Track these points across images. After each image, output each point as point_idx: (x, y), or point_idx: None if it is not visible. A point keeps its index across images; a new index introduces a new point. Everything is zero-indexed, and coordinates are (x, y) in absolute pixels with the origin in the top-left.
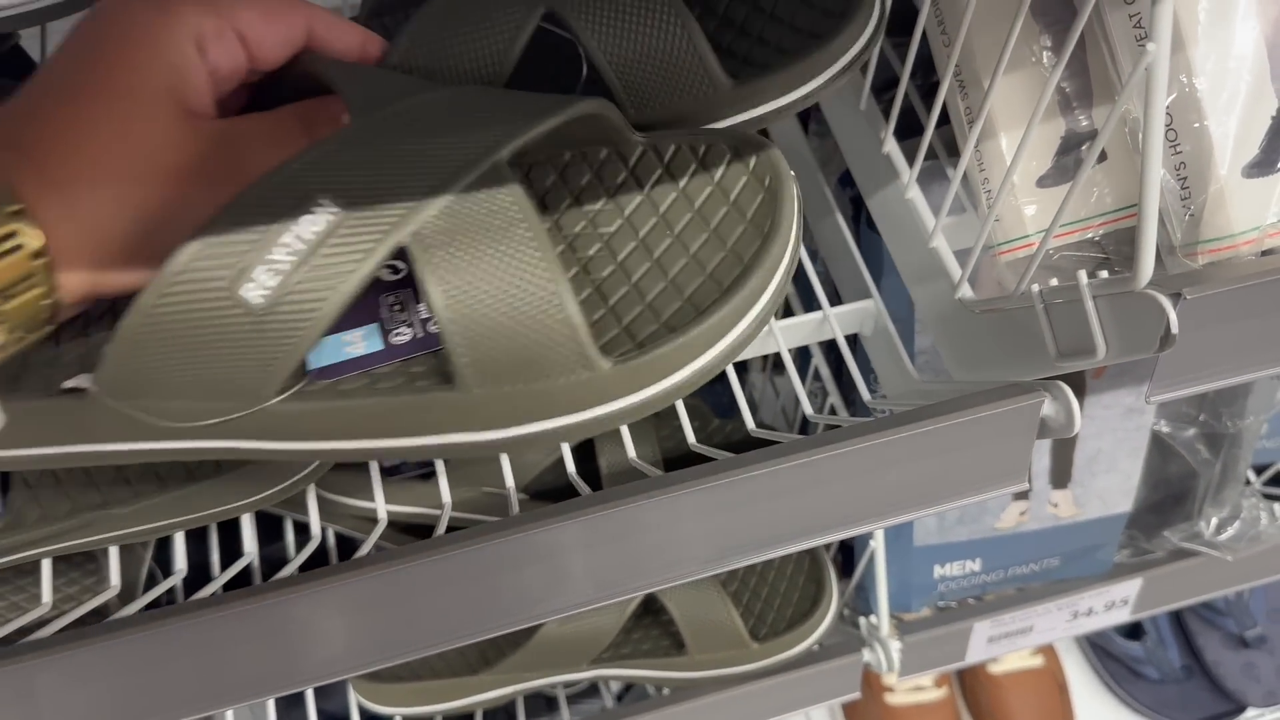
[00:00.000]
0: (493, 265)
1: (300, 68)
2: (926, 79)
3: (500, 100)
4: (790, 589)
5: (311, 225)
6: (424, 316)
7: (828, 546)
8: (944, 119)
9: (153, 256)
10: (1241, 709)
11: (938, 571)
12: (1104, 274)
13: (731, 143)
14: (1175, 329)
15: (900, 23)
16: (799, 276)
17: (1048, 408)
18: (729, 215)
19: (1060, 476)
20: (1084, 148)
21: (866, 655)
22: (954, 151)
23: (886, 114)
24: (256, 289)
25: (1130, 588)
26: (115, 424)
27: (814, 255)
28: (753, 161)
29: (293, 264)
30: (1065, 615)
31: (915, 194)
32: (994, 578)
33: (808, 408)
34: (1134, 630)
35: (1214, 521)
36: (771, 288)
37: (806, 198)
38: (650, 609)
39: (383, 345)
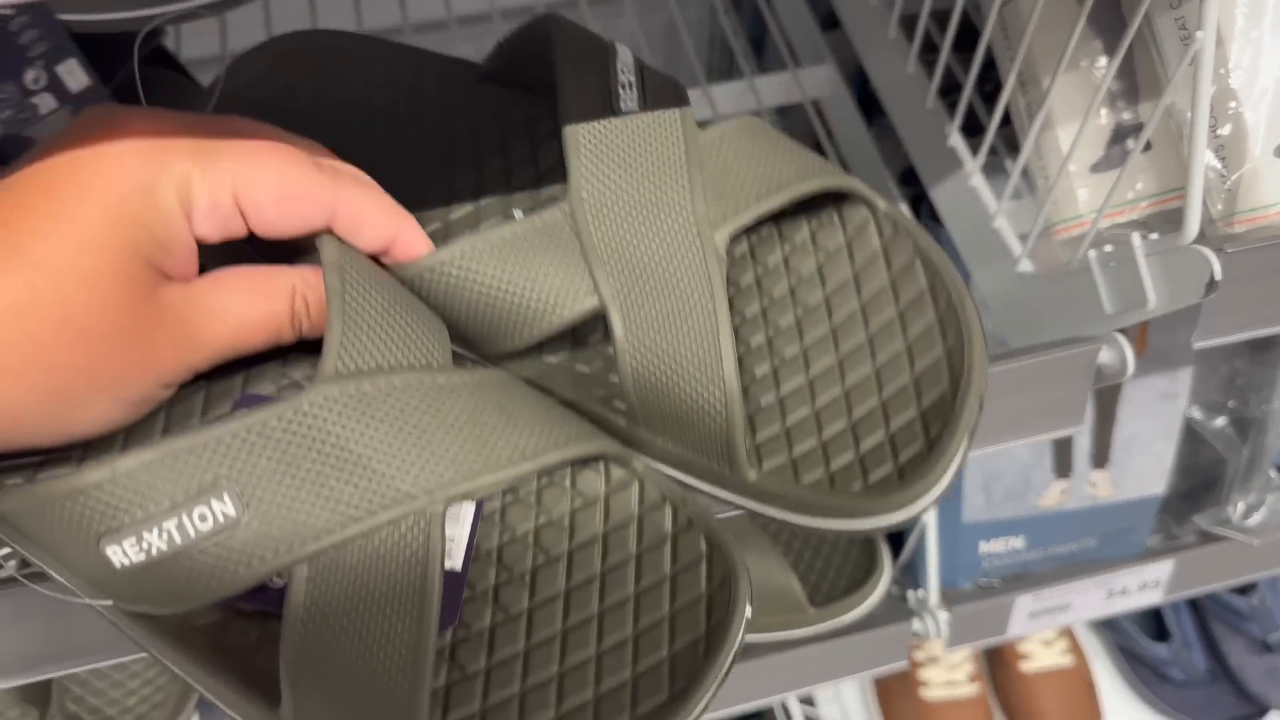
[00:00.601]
0: (371, 622)
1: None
2: (983, 84)
3: (484, 412)
4: (844, 560)
5: (201, 519)
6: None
7: None
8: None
9: (68, 420)
10: (1264, 711)
11: (983, 548)
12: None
13: (710, 541)
14: (1219, 276)
15: (962, 39)
16: None
17: (1104, 354)
18: (658, 629)
19: (1100, 457)
20: (1130, 139)
21: (915, 625)
22: (1010, 148)
23: (949, 114)
24: (120, 556)
25: (1162, 569)
26: None
27: None
28: (716, 582)
29: (164, 552)
30: (1101, 594)
31: (979, 181)
32: (1035, 555)
33: None
34: (1160, 633)
35: (1241, 507)
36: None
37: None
38: None
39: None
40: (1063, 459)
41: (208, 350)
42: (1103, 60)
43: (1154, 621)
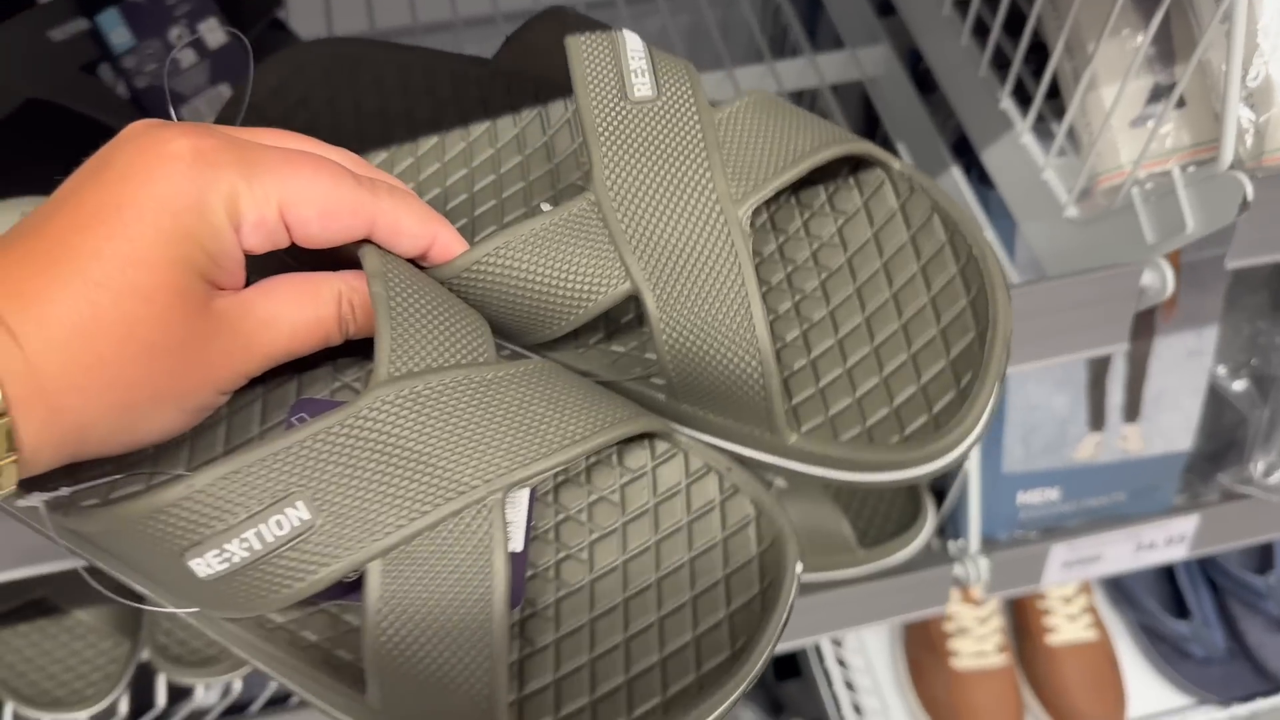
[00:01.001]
0: (442, 610)
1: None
2: (1028, 59)
3: (535, 400)
4: (891, 506)
5: (278, 526)
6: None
7: None
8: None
9: (134, 432)
10: None
11: (1021, 498)
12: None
13: (757, 504)
14: (1251, 197)
15: (1009, 19)
16: None
17: (1147, 276)
18: (710, 594)
19: (1131, 411)
20: (1165, 98)
21: (957, 569)
22: (1055, 115)
23: (1000, 81)
24: (205, 566)
25: (1188, 524)
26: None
27: None
28: (766, 543)
29: (245, 560)
30: (1130, 546)
31: (1029, 139)
32: (1069, 508)
33: None
34: (1181, 612)
35: (1262, 465)
36: (725, 709)
37: (926, 162)
38: None
39: None
40: (1096, 412)
41: (262, 357)
42: (1141, 29)
43: (1174, 600)
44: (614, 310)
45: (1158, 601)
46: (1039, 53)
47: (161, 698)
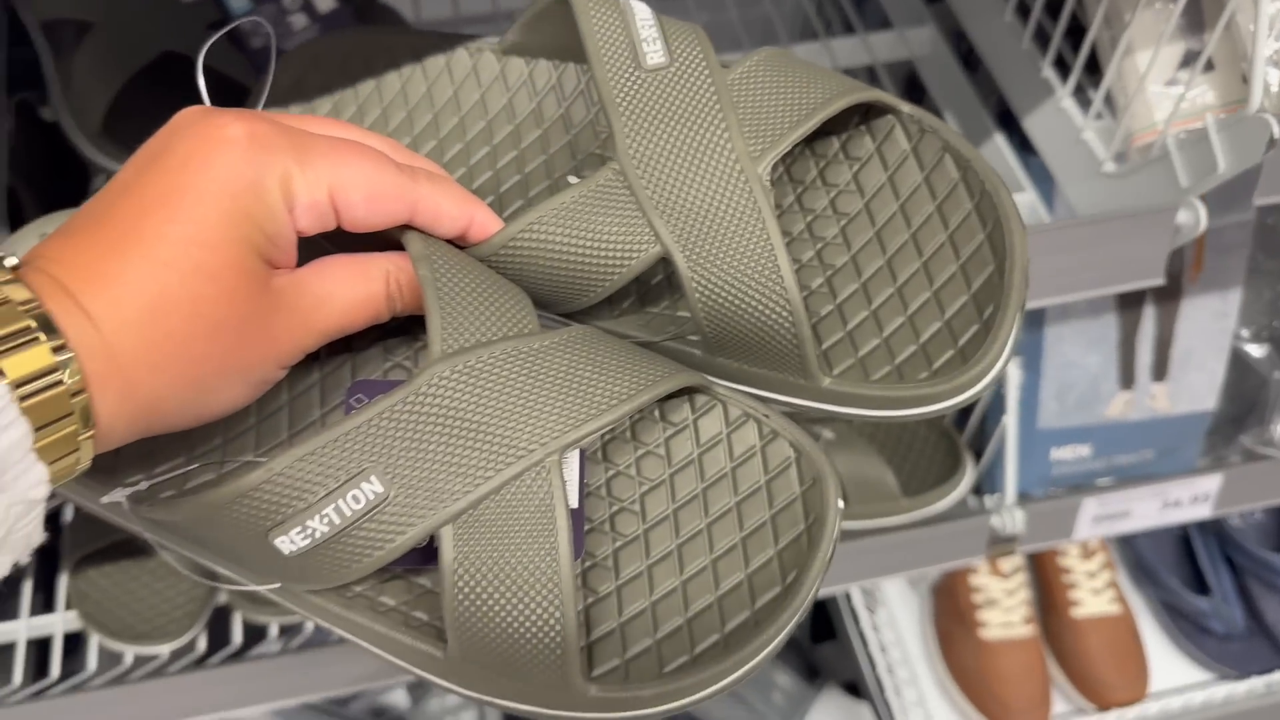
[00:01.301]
0: (511, 564)
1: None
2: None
3: (582, 364)
4: (932, 458)
5: (355, 500)
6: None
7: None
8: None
9: (202, 406)
10: None
11: (1054, 454)
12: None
13: (796, 446)
14: (1278, 135)
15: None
16: None
17: (1182, 215)
18: (760, 533)
19: (1159, 370)
20: (1195, 62)
21: (994, 520)
22: (1092, 84)
23: (1041, 52)
24: (288, 544)
25: (1212, 483)
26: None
27: None
28: (807, 483)
29: (326, 534)
30: (1157, 504)
31: (1069, 104)
32: (1100, 464)
33: None
34: (1201, 589)
35: None
36: (766, 654)
37: (972, 131)
38: None
39: None
40: (1127, 371)
41: (318, 332)
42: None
43: (1194, 578)
44: (644, 273)
45: (1178, 579)
46: (1075, 26)
47: (238, 636)
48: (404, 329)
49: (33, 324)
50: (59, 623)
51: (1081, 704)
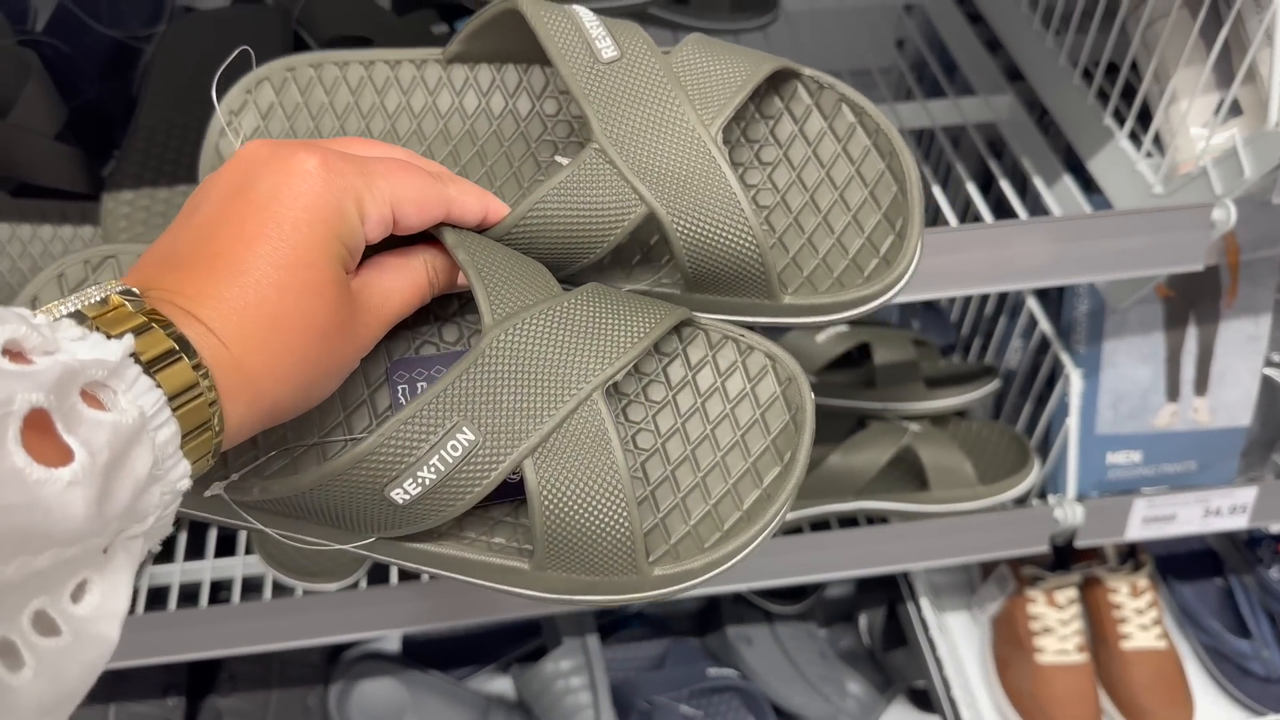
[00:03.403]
0: (581, 480)
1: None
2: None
3: (601, 313)
4: (1002, 457)
5: (453, 449)
6: None
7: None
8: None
9: (308, 401)
10: None
11: (1109, 459)
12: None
13: (770, 355)
14: None
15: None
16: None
17: (1216, 212)
18: (755, 428)
19: (1200, 385)
20: (1224, 102)
21: (1056, 512)
22: (1142, 128)
23: (1101, 106)
24: (402, 494)
25: (1248, 494)
26: (238, 517)
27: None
28: (785, 383)
29: (434, 480)
30: (1200, 510)
31: (1125, 144)
32: (1149, 471)
33: None
34: (1243, 631)
35: None
36: (783, 513)
37: (1045, 174)
38: (901, 456)
39: None
40: (1173, 384)
41: (386, 323)
42: (1210, 60)
43: (1236, 624)
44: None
45: (1220, 621)
46: (1128, 88)
47: (394, 579)
48: (418, 313)
49: (174, 346)
50: (239, 564)
51: None
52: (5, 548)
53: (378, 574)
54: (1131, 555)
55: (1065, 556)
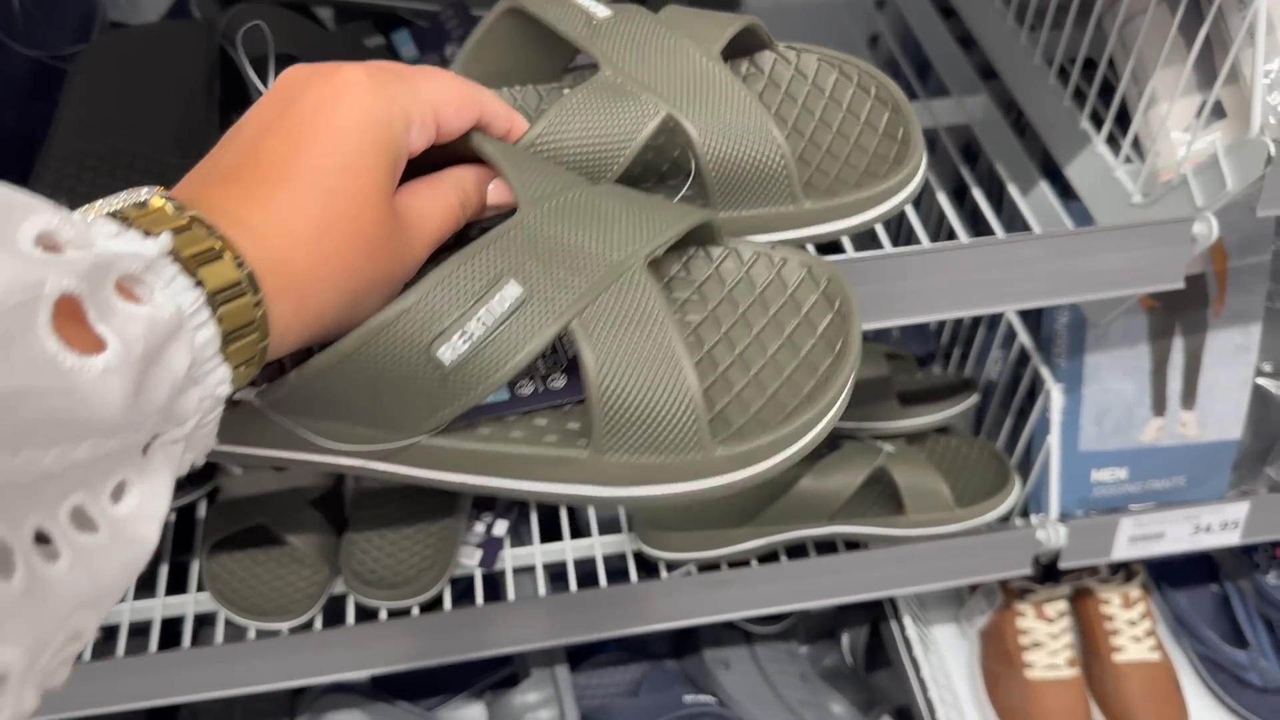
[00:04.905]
0: (638, 352)
1: (463, 143)
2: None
3: (632, 202)
4: (980, 478)
5: (501, 302)
6: (543, 374)
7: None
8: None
9: (352, 318)
10: None
11: (1094, 475)
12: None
13: (804, 263)
14: (1274, 153)
15: (1086, 64)
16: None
17: (1197, 226)
18: (801, 327)
19: (1188, 398)
20: (1205, 105)
21: (1039, 534)
22: (1121, 132)
23: (1079, 108)
24: (450, 351)
25: (1240, 510)
26: (272, 434)
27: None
28: (824, 282)
29: (483, 334)
30: (1189, 528)
31: (1103, 149)
32: (1136, 488)
33: None
34: (1240, 644)
35: None
36: (843, 396)
37: (1021, 180)
38: (875, 478)
39: (509, 396)
40: (1159, 398)
41: (427, 246)
42: (1190, 60)
43: (1233, 634)
44: (631, 163)
45: (1217, 632)
46: (1106, 86)
47: (350, 618)
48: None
49: (215, 245)
50: (190, 603)
51: None
52: (43, 434)
53: (333, 615)
54: (1123, 565)
55: (1055, 568)
